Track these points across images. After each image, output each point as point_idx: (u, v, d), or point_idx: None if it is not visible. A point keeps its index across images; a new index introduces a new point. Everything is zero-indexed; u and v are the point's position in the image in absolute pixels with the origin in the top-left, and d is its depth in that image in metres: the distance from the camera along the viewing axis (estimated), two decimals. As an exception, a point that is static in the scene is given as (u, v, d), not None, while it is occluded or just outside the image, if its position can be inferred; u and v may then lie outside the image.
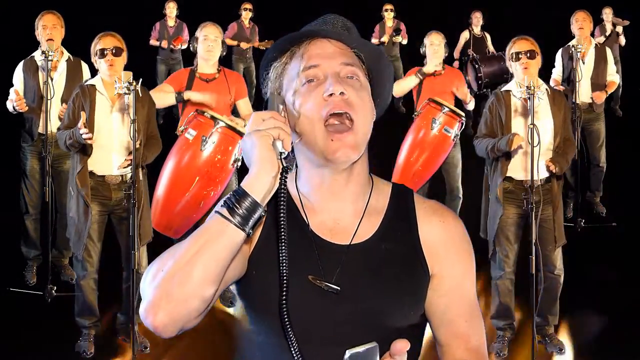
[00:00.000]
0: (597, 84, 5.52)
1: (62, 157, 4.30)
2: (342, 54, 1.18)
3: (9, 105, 4.25)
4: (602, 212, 5.78)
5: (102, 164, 3.57)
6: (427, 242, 1.21)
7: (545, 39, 3.93)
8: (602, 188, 5.82)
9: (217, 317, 3.99)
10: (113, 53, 3.57)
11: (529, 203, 3.47)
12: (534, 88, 3.39)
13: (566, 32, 5.79)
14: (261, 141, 1.06)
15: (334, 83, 1.13)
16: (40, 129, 4.29)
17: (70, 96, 3.66)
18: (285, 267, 1.08)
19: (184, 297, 1.02)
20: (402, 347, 1.01)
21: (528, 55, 3.61)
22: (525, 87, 3.44)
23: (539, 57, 3.66)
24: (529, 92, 3.40)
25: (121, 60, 3.60)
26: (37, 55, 4.34)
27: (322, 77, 1.16)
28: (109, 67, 3.55)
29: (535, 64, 3.63)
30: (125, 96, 3.40)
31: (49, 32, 4.31)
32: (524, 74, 3.58)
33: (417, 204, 1.25)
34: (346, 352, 0.99)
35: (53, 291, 4.15)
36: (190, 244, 1.05)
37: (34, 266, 4.55)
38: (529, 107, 3.43)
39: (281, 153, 1.07)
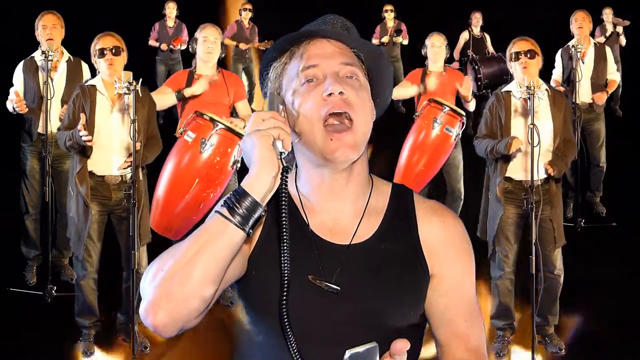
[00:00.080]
0: (597, 83, 5.52)
1: (62, 157, 4.30)
2: (342, 53, 1.18)
3: (9, 106, 4.25)
4: (602, 212, 5.78)
5: (102, 164, 3.57)
6: (427, 242, 1.21)
7: (545, 39, 3.92)
8: (602, 188, 5.82)
9: (217, 317, 3.98)
10: (112, 52, 3.57)
11: (529, 203, 3.47)
12: (534, 88, 3.39)
13: (566, 32, 5.78)
14: (261, 141, 1.06)
15: (333, 83, 1.13)
16: (40, 129, 4.29)
17: (71, 96, 3.66)
18: (287, 267, 1.08)
19: (184, 297, 1.02)
20: (402, 347, 1.01)
21: (527, 55, 3.61)
22: (525, 87, 3.45)
23: (538, 58, 3.65)
24: (529, 92, 3.40)
25: (121, 60, 3.60)
26: (37, 56, 4.34)
27: (322, 77, 1.16)
28: (109, 66, 3.55)
29: (534, 64, 3.63)
30: (125, 96, 3.40)
31: (49, 32, 4.31)
32: (524, 74, 3.57)
33: (417, 204, 1.25)
34: (346, 352, 0.99)
35: (53, 291, 4.15)
36: (191, 244, 1.05)
37: (34, 266, 4.55)
38: (529, 107, 3.43)
39: (281, 153, 1.08)
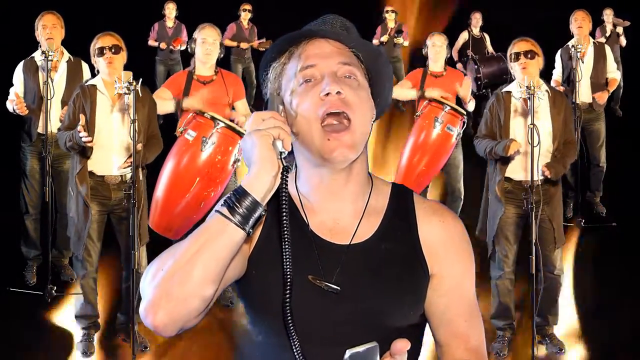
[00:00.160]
0: (597, 82, 5.51)
1: (62, 157, 4.30)
2: (340, 53, 1.18)
3: (9, 106, 4.25)
4: (602, 212, 5.78)
5: (102, 164, 3.57)
6: (427, 242, 1.21)
7: (545, 39, 3.92)
8: (602, 188, 5.82)
9: (217, 317, 3.98)
10: (112, 51, 3.56)
11: (529, 203, 3.47)
12: (534, 88, 3.39)
13: (566, 32, 5.78)
14: (261, 141, 1.06)
15: (330, 82, 1.13)
16: (40, 129, 4.28)
17: (71, 97, 3.66)
18: (289, 266, 1.08)
19: (184, 296, 1.02)
20: (403, 347, 1.01)
21: (527, 55, 3.61)
22: (525, 87, 3.45)
23: (538, 58, 3.65)
24: (529, 92, 3.40)
25: (120, 59, 3.60)
26: (37, 56, 4.33)
27: (319, 76, 1.16)
28: (108, 64, 3.55)
29: (534, 65, 3.62)
30: (125, 96, 3.40)
31: (49, 31, 4.30)
32: (523, 74, 3.57)
33: (416, 204, 1.25)
34: (346, 351, 0.99)
35: (53, 291, 4.15)
36: (190, 243, 1.05)
37: (34, 266, 4.54)
38: (529, 107, 3.43)
39: (281, 153, 1.08)
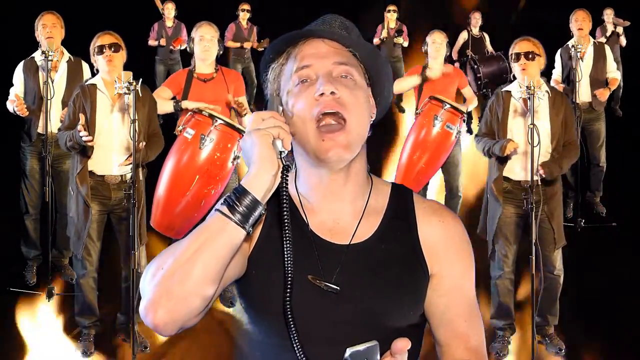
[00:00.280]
0: (597, 81, 5.51)
1: (62, 157, 4.30)
2: (336, 53, 1.18)
3: (9, 106, 4.25)
4: (602, 212, 5.77)
5: (102, 164, 3.57)
6: (427, 242, 1.21)
7: (545, 39, 3.91)
8: (602, 188, 5.82)
9: (217, 317, 3.98)
10: (111, 49, 3.56)
11: (528, 203, 3.47)
12: (534, 88, 3.39)
13: (566, 32, 5.78)
14: (261, 140, 1.06)
15: (324, 83, 1.13)
16: (40, 129, 4.28)
17: (71, 97, 3.66)
18: (290, 265, 1.09)
19: (184, 295, 1.02)
20: (403, 346, 1.01)
21: (527, 57, 3.61)
22: (525, 87, 3.45)
23: (539, 59, 3.64)
24: (529, 92, 3.40)
25: (120, 57, 3.60)
26: (37, 56, 4.33)
27: (315, 77, 1.16)
28: (108, 62, 3.55)
29: (534, 66, 3.61)
30: (125, 96, 3.40)
31: (49, 30, 4.30)
32: (523, 75, 3.57)
33: (416, 204, 1.25)
34: (347, 350, 0.99)
35: (53, 291, 4.15)
36: (191, 242, 1.05)
37: (34, 266, 4.54)
38: (529, 107, 3.43)
39: (281, 152, 1.08)
